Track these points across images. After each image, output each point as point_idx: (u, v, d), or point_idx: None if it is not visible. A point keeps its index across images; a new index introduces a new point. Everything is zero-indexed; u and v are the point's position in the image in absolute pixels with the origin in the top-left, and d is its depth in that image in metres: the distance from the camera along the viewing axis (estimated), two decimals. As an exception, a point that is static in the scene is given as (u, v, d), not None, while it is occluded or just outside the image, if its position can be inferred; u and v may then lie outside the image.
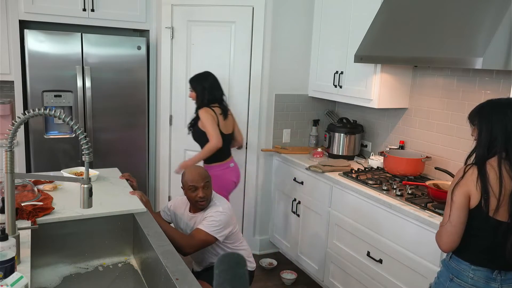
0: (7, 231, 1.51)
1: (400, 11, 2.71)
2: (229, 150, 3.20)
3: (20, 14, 3.40)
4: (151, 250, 1.80)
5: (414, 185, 2.66)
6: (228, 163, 3.15)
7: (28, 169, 3.61)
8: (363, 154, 3.54)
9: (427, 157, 2.88)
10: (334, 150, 3.43)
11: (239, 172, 3.26)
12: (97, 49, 3.63)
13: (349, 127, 3.41)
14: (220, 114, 3.07)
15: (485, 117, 1.70)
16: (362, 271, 2.70)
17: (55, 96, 3.52)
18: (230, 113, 3.19)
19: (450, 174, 2.63)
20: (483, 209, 1.65)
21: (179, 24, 3.69)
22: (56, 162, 3.54)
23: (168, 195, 4.00)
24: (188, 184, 2.31)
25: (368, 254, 2.63)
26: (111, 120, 3.78)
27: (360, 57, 2.87)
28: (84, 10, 3.57)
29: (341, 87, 3.28)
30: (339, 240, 2.92)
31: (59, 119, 1.51)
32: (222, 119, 3.08)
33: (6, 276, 1.29)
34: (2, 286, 1.22)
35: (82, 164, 3.41)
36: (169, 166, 3.94)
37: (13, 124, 1.48)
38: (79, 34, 3.55)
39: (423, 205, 2.35)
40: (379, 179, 2.83)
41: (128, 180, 2.58)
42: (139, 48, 3.77)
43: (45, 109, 1.49)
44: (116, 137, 3.84)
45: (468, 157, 1.74)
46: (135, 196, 2.31)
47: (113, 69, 3.72)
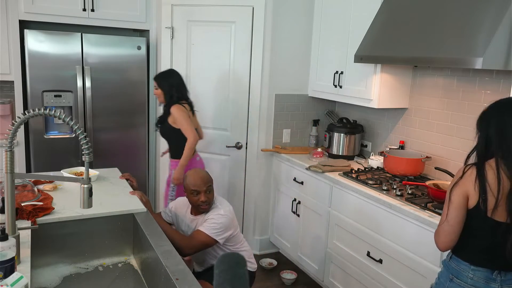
0: (7, 231, 1.51)
1: (400, 11, 2.71)
2: None
3: (20, 14, 3.40)
4: (151, 250, 1.80)
5: (414, 185, 2.66)
6: (196, 156, 3.24)
7: (28, 169, 3.61)
8: (363, 154, 3.54)
9: (427, 157, 2.88)
10: (334, 150, 3.43)
11: (204, 165, 3.36)
12: (97, 49, 3.63)
13: (349, 127, 3.41)
14: (189, 111, 3.15)
15: (484, 118, 1.72)
16: (362, 271, 2.70)
17: (55, 96, 3.53)
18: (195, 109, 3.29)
19: (450, 174, 2.63)
20: (481, 209, 1.65)
21: (179, 24, 3.69)
22: (56, 162, 3.53)
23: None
24: (190, 188, 2.29)
25: (368, 254, 2.63)
26: (111, 120, 3.78)
27: (360, 57, 2.87)
28: (84, 10, 3.57)
29: (341, 87, 3.28)
30: (339, 240, 2.92)
31: (59, 119, 1.51)
32: (191, 115, 3.17)
33: (6, 276, 1.29)
34: (2, 286, 1.22)
35: (82, 164, 3.41)
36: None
37: (13, 124, 1.48)
38: (79, 34, 3.56)
39: (423, 205, 2.35)
40: (379, 179, 2.83)
41: (128, 180, 2.58)
42: (139, 48, 3.77)
43: (45, 109, 1.49)
44: (116, 137, 3.84)
45: (467, 157, 1.74)
46: (135, 196, 2.31)
47: (113, 69, 3.72)
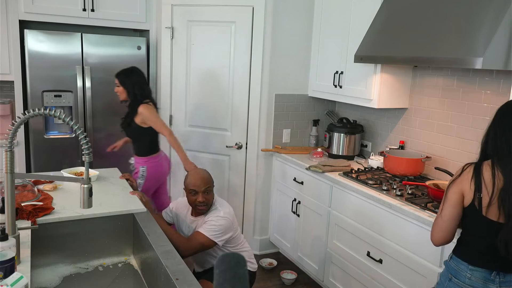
0: (7, 231, 1.51)
1: (400, 11, 2.71)
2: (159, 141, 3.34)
3: (20, 14, 3.40)
4: (151, 250, 1.80)
5: (414, 185, 2.65)
6: (161, 152, 3.30)
7: (28, 169, 3.61)
8: (363, 154, 3.54)
9: (427, 157, 2.88)
10: (334, 150, 3.42)
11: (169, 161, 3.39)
12: (97, 49, 3.63)
13: (349, 127, 3.41)
14: (155, 109, 3.18)
15: (492, 119, 1.74)
16: (362, 271, 2.70)
17: (55, 96, 3.53)
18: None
19: (450, 174, 2.63)
20: (476, 207, 1.67)
21: (179, 24, 3.69)
22: (56, 162, 3.53)
23: (168, 195, 4.00)
24: (189, 188, 2.29)
25: (368, 254, 2.63)
26: (111, 120, 3.78)
27: (360, 57, 2.87)
28: (84, 10, 3.57)
29: (341, 87, 3.28)
30: (339, 240, 2.92)
31: (59, 119, 1.51)
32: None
33: (6, 276, 1.29)
34: (2, 286, 1.22)
35: (82, 164, 3.41)
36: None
37: (13, 124, 1.48)
38: (79, 34, 3.56)
39: (423, 205, 2.35)
40: (379, 179, 2.83)
41: (128, 180, 2.58)
42: (139, 48, 3.77)
43: (45, 109, 1.49)
44: (116, 137, 3.83)
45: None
46: (135, 196, 2.31)
47: (113, 69, 3.69)
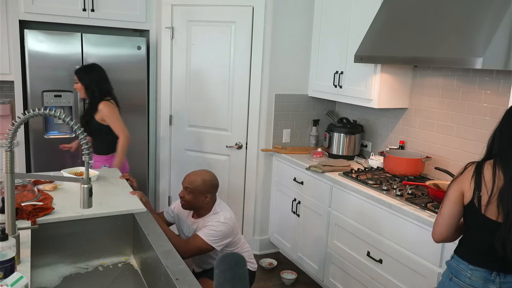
0: (7, 231, 1.50)
1: (400, 11, 2.71)
2: None
3: (20, 14, 3.40)
4: (151, 250, 1.80)
5: (414, 185, 2.65)
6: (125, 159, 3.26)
7: (28, 169, 3.61)
8: (363, 154, 3.54)
9: (427, 157, 2.88)
10: (334, 150, 3.42)
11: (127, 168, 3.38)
12: (97, 49, 3.63)
13: (349, 127, 3.41)
14: (116, 107, 3.14)
15: (500, 119, 1.74)
16: (362, 271, 2.70)
17: (55, 96, 3.53)
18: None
19: (450, 174, 2.63)
20: (475, 206, 1.67)
21: (179, 24, 3.69)
22: (56, 162, 3.53)
23: (168, 195, 4.00)
24: None
25: (368, 254, 2.63)
26: (111, 120, 3.78)
27: (360, 57, 2.87)
28: (84, 10, 3.57)
29: (341, 87, 3.28)
30: (339, 240, 2.92)
31: (59, 119, 1.51)
32: (118, 111, 3.16)
33: (6, 276, 1.29)
34: (2, 286, 1.22)
35: (82, 164, 3.41)
36: (169, 166, 3.94)
37: (13, 124, 1.48)
38: (79, 34, 3.55)
39: (423, 205, 2.35)
40: (379, 179, 2.83)
41: (128, 180, 2.58)
42: (139, 48, 3.77)
43: (45, 109, 1.48)
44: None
45: None
46: (135, 196, 2.31)
47: (113, 69, 3.70)
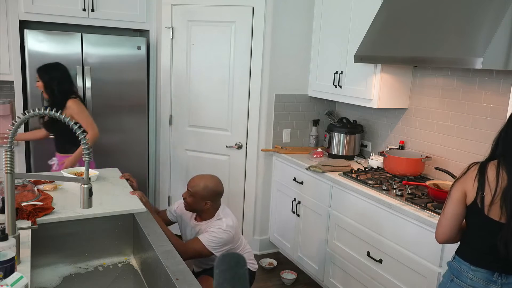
0: (7, 231, 1.50)
1: (400, 11, 2.71)
2: None
3: (20, 14, 3.40)
4: (151, 250, 1.80)
5: (414, 185, 2.65)
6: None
7: (28, 169, 3.61)
8: (363, 154, 3.54)
9: (427, 157, 2.88)
10: (334, 150, 3.42)
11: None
12: (97, 49, 3.63)
13: (349, 127, 3.41)
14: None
15: (506, 120, 1.73)
16: (362, 271, 2.70)
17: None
18: None
19: (450, 174, 2.63)
20: (478, 206, 1.66)
21: (179, 24, 3.69)
22: (56, 162, 3.53)
23: (168, 195, 4.00)
24: None
25: (368, 254, 2.63)
26: (111, 120, 3.78)
27: (360, 57, 2.87)
28: (84, 10, 3.57)
29: (341, 87, 3.28)
30: (339, 240, 2.92)
31: (59, 119, 1.51)
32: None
33: (6, 276, 1.29)
34: (2, 286, 1.22)
35: (82, 164, 3.41)
36: (169, 166, 3.94)
37: (13, 124, 1.48)
38: (79, 34, 3.55)
39: (423, 205, 2.35)
40: (379, 179, 2.83)
41: (128, 180, 2.58)
42: (139, 48, 3.77)
43: (45, 109, 1.48)
44: (116, 137, 3.84)
45: None
46: (135, 196, 2.31)
47: (113, 69, 3.71)
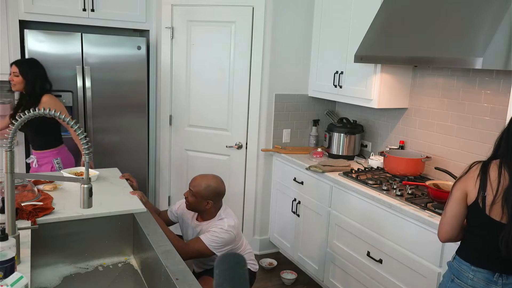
0: (7, 231, 1.51)
1: (400, 11, 2.71)
2: None
3: (20, 14, 3.40)
4: (151, 250, 1.80)
5: (414, 185, 2.65)
6: (64, 146, 3.33)
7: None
8: (363, 154, 3.54)
9: (427, 157, 2.88)
10: (334, 150, 3.42)
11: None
12: (97, 49, 3.63)
13: (349, 127, 3.41)
14: None
15: (510, 120, 1.74)
16: (362, 271, 2.70)
17: (56, 96, 3.52)
18: None
19: (450, 174, 2.63)
20: (479, 206, 1.66)
21: (179, 24, 3.69)
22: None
23: (168, 195, 4.00)
24: None
25: (368, 254, 2.63)
26: (111, 120, 3.78)
27: (360, 57, 2.87)
28: (84, 10, 3.57)
29: (341, 87, 3.28)
30: (339, 240, 2.92)
31: (59, 119, 1.51)
32: None
33: (6, 276, 1.29)
34: (2, 286, 1.22)
35: (82, 164, 3.41)
36: (169, 166, 3.95)
37: (13, 124, 1.48)
38: (79, 34, 3.55)
39: (423, 205, 2.35)
40: (379, 179, 2.83)
41: (128, 180, 2.58)
42: (139, 48, 3.77)
43: (45, 109, 1.48)
44: (116, 137, 3.84)
45: None
46: (135, 196, 2.31)
47: (113, 69, 3.71)
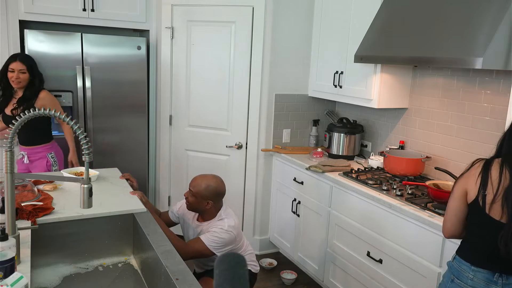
0: (7, 231, 1.51)
1: (400, 11, 2.71)
2: None
3: (20, 14, 3.40)
4: (151, 250, 1.80)
5: (414, 185, 2.65)
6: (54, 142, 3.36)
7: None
8: (363, 154, 3.54)
9: (427, 157, 2.88)
10: (334, 150, 3.42)
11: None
12: (97, 49, 3.63)
13: (349, 127, 3.41)
14: None
15: None
16: (362, 271, 2.70)
17: (55, 96, 3.52)
18: None
19: (450, 174, 2.63)
20: (479, 204, 1.66)
21: (179, 24, 3.69)
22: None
23: (168, 195, 4.00)
24: None
25: (368, 254, 2.63)
26: (111, 120, 3.78)
27: (360, 57, 2.87)
28: (84, 10, 3.57)
29: (341, 87, 3.28)
30: (339, 240, 2.92)
31: (59, 119, 1.51)
32: None
33: (6, 276, 1.29)
34: (2, 286, 1.22)
35: (82, 164, 3.41)
36: (169, 166, 3.94)
37: (12, 124, 1.48)
38: (79, 34, 3.55)
39: (423, 205, 2.35)
40: (379, 179, 2.83)
41: (128, 180, 2.58)
42: (139, 48, 3.77)
43: (45, 109, 1.48)
44: (116, 137, 3.84)
45: None
46: (135, 196, 2.31)
47: (113, 69, 3.71)
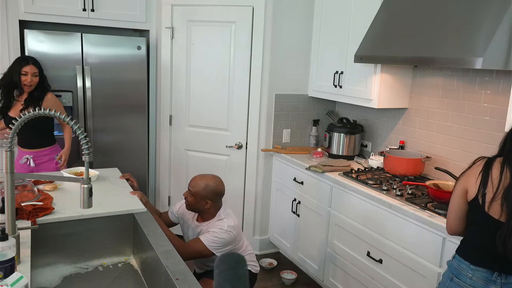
0: (7, 231, 1.51)
1: (400, 11, 2.71)
2: None
3: (20, 14, 3.40)
4: (151, 250, 1.80)
5: (414, 185, 2.65)
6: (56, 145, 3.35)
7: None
8: (363, 154, 3.54)
9: (427, 157, 2.88)
10: (334, 150, 3.42)
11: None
12: (97, 49, 3.63)
13: (349, 127, 3.41)
14: None
15: None
16: (362, 271, 2.70)
17: (55, 96, 3.53)
18: None
19: (450, 174, 2.63)
20: (479, 203, 1.66)
21: (179, 24, 3.69)
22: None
23: (168, 195, 4.00)
24: None
25: (368, 254, 2.63)
26: (111, 120, 3.78)
27: (360, 57, 2.87)
28: (84, 10, 3.57)
29: (341, 87, 3.28)
30: (339, 240, 2.92)
31: (59, 119, 1.51)
32: None
33: (6, 276, 1.29)
34: (2, 286, 1.22)
35: (82, 164, 3.41)
36: (169, 166, 3.94)
37: (12, 124, 1.48)
38: (79, 34, 3.55)
39: (423, 205, 2.35)
40: (379, 179, 2.83)
41: (128, 181, 2.58)
42: (139, 48, 3.77)
43: (45, 109, 1.48)
44: (116, 137, 3.84)
45: None
46: (135, 196, 2.31)
47: (113, 69, 3.71)
